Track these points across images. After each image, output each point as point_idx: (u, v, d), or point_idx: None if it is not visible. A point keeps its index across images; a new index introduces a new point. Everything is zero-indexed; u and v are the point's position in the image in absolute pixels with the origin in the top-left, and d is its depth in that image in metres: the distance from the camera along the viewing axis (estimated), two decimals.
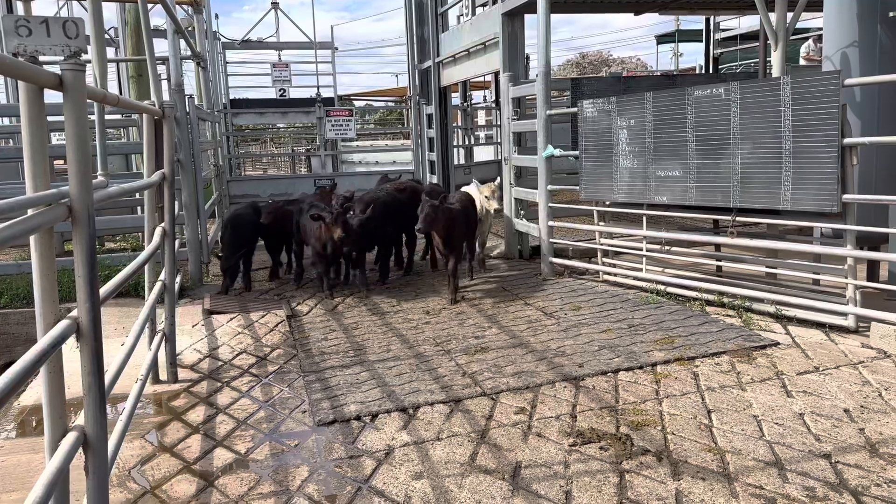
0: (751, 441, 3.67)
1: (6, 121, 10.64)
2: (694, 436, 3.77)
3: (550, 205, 7.57)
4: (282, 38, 16.35)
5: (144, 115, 4.68)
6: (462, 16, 12.28)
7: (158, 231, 4.68)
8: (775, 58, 7.21)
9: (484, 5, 10.57)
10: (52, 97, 2.37)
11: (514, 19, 8.73)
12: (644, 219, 6.75)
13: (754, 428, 3.82)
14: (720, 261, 6.72)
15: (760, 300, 5.88)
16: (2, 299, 7.29)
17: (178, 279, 5.86)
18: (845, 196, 5.08)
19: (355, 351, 5.47)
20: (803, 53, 11.85)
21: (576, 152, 7.29)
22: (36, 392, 4.82)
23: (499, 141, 15.10)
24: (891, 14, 5.77)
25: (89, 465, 2.36)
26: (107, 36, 11.87)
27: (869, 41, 5.93)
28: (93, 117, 4.66)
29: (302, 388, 4.72)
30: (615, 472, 3.42)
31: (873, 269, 6.13)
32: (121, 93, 12.17)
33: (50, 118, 2.52)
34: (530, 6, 7.86)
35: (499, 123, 14.94)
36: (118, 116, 8.75)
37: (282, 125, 24.80)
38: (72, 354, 2.32)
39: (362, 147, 18.38)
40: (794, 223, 5.81)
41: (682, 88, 6.11)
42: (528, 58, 14.24)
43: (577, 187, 7.33)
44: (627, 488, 3.28)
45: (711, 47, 14.66)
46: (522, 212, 8.52)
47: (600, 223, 7.37)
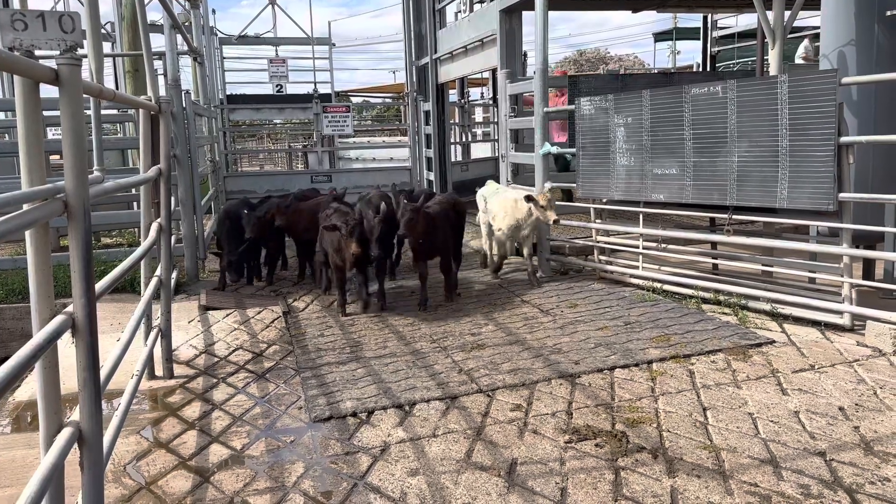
0: (746, 439, 3.68)
1: (2, 115, 10.59)
2: (689, 433, 3.78)
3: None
4: (279, 33, 16.31)
5: (141, 111, 4.67)
6: (460, 12, 12.27)
7: (154, 227, 4.67)
8: (773, 56, 7.22)
9: (482, 2, 10.57)
10: (48, 92, 2.36)
11: (511, 16, 8.73)
12: (641, 216, 6.76)
13: (749, 425, 3.83)
14: (716, 259, 6.73)
15: (756, 298, 5.89)
16: None
17: (174, 275, 5.85)
18: (841, 195, 5.09)
19: (351, 347, 5.47)
20: (801, 53, 11.87)
21: (573, 150, 7.28)
22: (31, 387, 4.81)
23: (496, 138, 15.10)
24: (888, 13, 5.77)
25: (84, 460, 2.35)
26: (103, 31, 11.81)
27: (866, 40, 5.93)
28: (89, 112, 4.63)
29: (298, 385, 4.72)
30: (611, 470, 3.43)
31: (869, 267, 6.14)
32: (117, 88, 12.13)
33: (46, 113, 2.51)
34: (528, 3, 7.86)
35: (496, 120, 14.93)
36: (114, 111, 8.74)
37: (278, 121, 24.78)
38: (67, 350, 2.32)
39: (359, 143, 18.36)
40: (790, 221, 5.83)
41: (680, 86, 6.12)
42: (525, 55, 14.23)
43: (574, 185, 7.33)
44: (623, 485, 3.28)
45: (709, 45, 14.67)
46: None
47: (597, 221, 7.38)
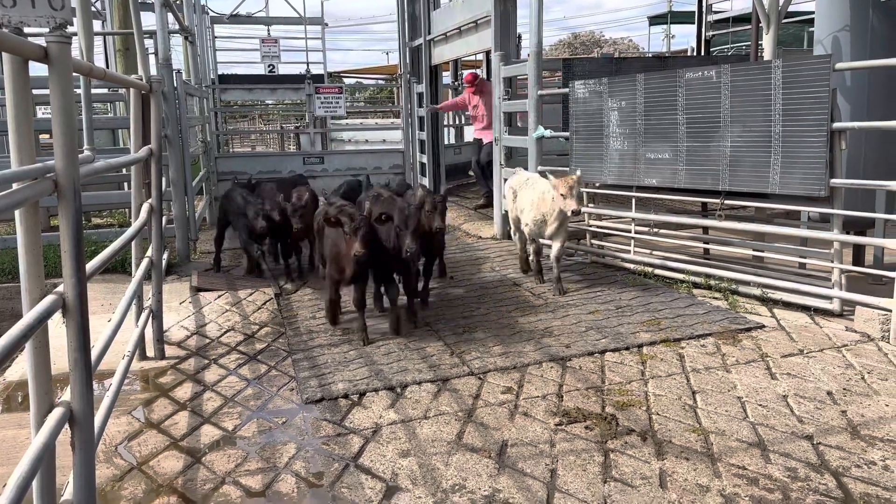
0: (734, 422, 3.71)
1: None
2: (678, 416, 3.81)
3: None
4: (271, 13, 16.14)
5: (131, 90, 4.62)
6: None
7: (145, 207, 4.64)
8: (767, 41, 7.21)
9: None
10: (37, 70, 2.33)
11: None
12: (633, 201, 6.77)
13: (738, 409, 3.86)
14: (708, 244, 6.75)
15: (747, 283, 5.92)
16: None
17: (165, 256, 5.82)
18: (833, 180, 5.10)
19: (343, 330, 5.47)
20: None
21: (566, 133, 7.27)
22: (21, 367, 4.80)
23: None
24: None
25: (76, 440, 2.35)
26: (93, 8, 11.66)
27: (861, 25, 5.93)
28: (79, 91, 4.58)
29: (290, 366, 4.72)
30: (600, 452, 3.46)
31: (859, 253, 6.18)
32: (107, 66, 11.99)
33: (35, 91, 2.48)
34: None
35: None
36: (105, 91, 8.64)
37: (270, 101, 24.57)
38: (58, 330, 2.31)
39: (352, 125, 18.25)
40: (781, 207, 5.85)
41: (674, 71, 6.10)
42: (519, 37, 14.14)
43: (567, 169, 7.32)
44: (612, 467, 3.31)
45: (703, 29, 14.62)
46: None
47: (589, 205, 7.38)
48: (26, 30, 4.13)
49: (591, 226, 7.41)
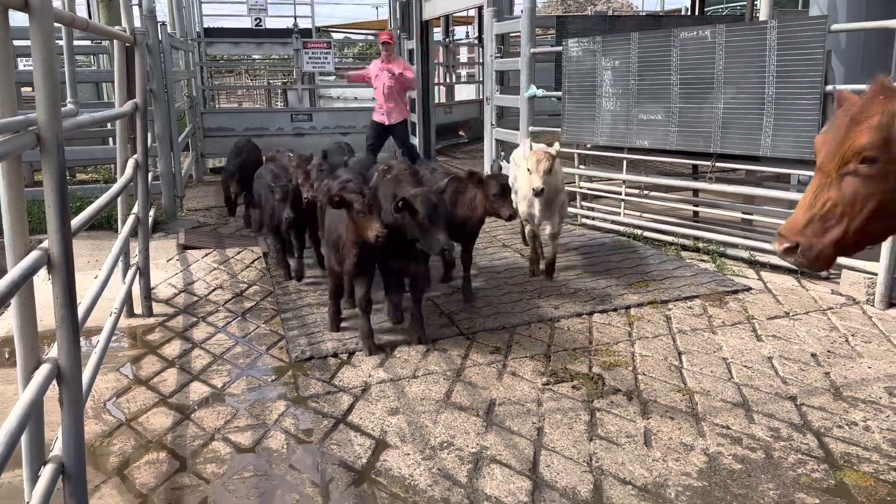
0: (719, 383, 3.76)
1: None
2: (664, 377, 3.85)
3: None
4: None
5: (115, 42, 4.50)
6: None
7: (131, 163, 4.57)
8: (763, 1, 7.10)
9: None
10: (17, 21, 2.26)
11: None
12: (624, 162, 6.73)
13: (723, 370, 3.91)
14: (697, 206, 6.76)
15: (735, 246, 5.94)
16: None
17: (151, 213, 5.75)
18: None
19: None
20: None
21: (559, 93, 7.18)
22: (7, 323, 4.77)
23: (481, 80, 14.86)
24: None
25: (63, 397, 2.34)
26: None
27: None
28: (61, 42, 4.46)
29: (279, 325, 4.72)
30: (586, 411, 3.50)
31: None
32: (90, 17, 11.69)
33: (16, 42, 2.40)
34: None
35: (481, 61, 14.67)
36: (88, 43, 8.44)
37: (257, 56, 24.09)
38: (43, 286, 2.28)
39: (341, 82, 17.97)
40: (773, 170, 5.84)
41: (668, 30, 6.01)
42: None
43: (559, 129, 7.26)
44: (598, 426, 3.36)
45: None
46: (503, 153, 8.44)
47: (580, 166, 7.35)
48: None
49: (581, 188, 7.38)
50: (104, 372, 4.00)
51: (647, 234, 6.60)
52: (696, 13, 14.36)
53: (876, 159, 2.25)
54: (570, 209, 7.50)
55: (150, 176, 5.09)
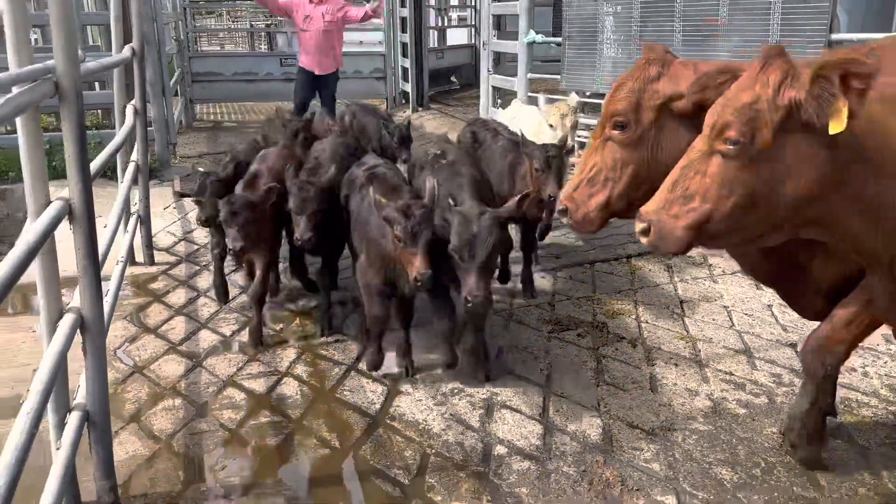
0: (721, 330, 3.84)
1: None
2: (667, 325, 3.93)
3: (529, 94, 7.43)
4: None
5: None
6: None
7: (130, 109, 4.49)
8: None
9: None
10: None
11: None
12: None
13: (725, 318, 3.99)
14: None
15: None
16: (10, 174, 6.81)
17: None
18: None
19: None
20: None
21: (558, 39, 7.09)
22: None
23: (473, 24, 14.57)
24: None
25: (87, 346, 2.36)
26: None
27: None
28: None
29: (283, 273, 4.72)
30: (592, 358, 3.57)
31: None
32: None
33: None
34: None
35: (473, 4, 14.36)
36: None
37: None
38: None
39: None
40: None
41: None
42: None
43: (558, 76, 7.18)
44: (604, 372, 3.43)
45: None
46: (500, 101, 8.36)
47: (580, 114, 7.29)
48: None
49: (579, 136, 7.35)
50: (112, 320, 4.00)
51: None
52: None
53: (626, 125, 2.24)
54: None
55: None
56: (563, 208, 2.42)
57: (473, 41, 14.21)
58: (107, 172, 6.57)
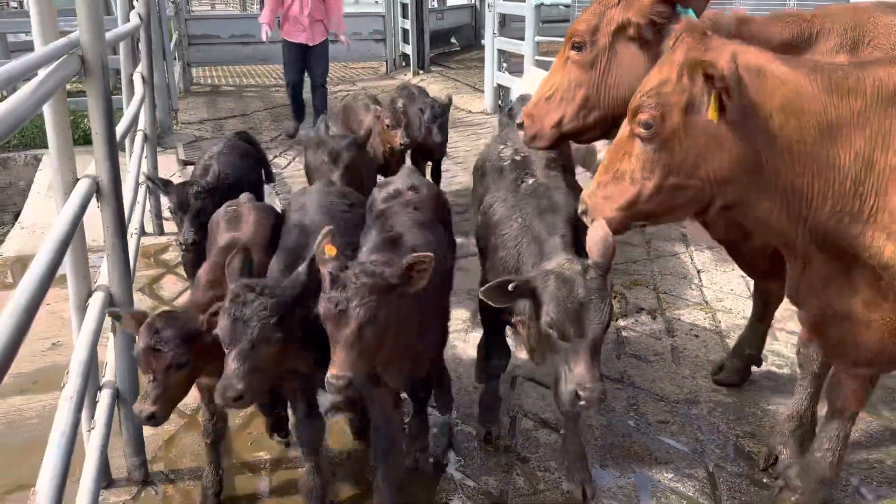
0: (740, 300, 3.83)
1: None
2: (685, 295, 3.92)
3: (537, 58, 7.29)
4: None
5: None
6: None
7: (137, 77, 4.39)
8: None
9: None
10: None
11: None
12: None
13: (743, 287, 3.98)
14: None
15: None
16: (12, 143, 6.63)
17: None
18: None
19: None
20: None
21: (568, 0, 6.94)
22: (16, 244, 4.70)
23: None
24: None
25: (116, 324, 2.33)
26: None
27: None
28: None
29: None
30: (612, 330, 3.56)
31: None
32: None
33: None
34: None
35: None
36: None
37: None
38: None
39: None
40: None
41: None
42: None
43: None
44: (625, 344, 3.43)
45: None
46: (505, 64, 8.21)
47: None
48: None
49: None
50: None
51: None
52: None
53: (582, 46, 2.24)
54: None
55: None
56: (520, 122, 2.43)
57: (473, 1, 13.94)
58: None
